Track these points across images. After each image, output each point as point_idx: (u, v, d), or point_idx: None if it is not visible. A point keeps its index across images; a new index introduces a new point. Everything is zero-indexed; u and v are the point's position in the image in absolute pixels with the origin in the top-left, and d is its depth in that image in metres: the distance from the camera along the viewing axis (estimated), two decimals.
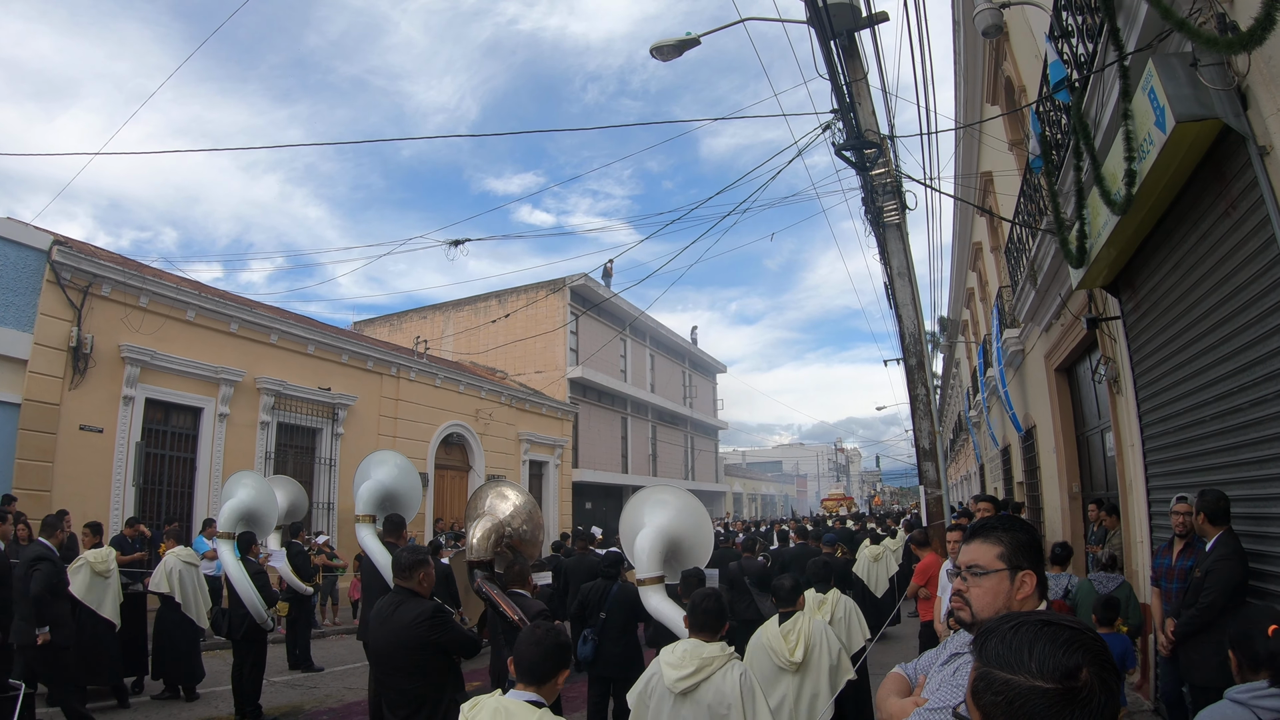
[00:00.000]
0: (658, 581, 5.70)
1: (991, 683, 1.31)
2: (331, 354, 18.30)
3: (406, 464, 8.25)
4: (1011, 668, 1.29)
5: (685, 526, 6.08)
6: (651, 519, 5.98)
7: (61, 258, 12.31)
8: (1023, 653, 1.30)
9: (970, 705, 1.37)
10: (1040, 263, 9.44)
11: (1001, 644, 1.34)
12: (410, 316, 33.24)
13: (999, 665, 1.31)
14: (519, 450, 25.10)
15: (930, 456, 9.37)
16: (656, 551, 5.75)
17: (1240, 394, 4.96)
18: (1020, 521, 2.27)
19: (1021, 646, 1.30)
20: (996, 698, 1.29)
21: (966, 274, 21.29)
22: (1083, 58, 5.85)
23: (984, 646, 1.37)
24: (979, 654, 1.38)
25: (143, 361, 13.45)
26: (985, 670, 1.33)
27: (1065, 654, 1.28)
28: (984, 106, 12.93)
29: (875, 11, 9.06)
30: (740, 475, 62.17)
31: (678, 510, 6.11)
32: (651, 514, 6.04)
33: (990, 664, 1.33)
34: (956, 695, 1.88)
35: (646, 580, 5.67)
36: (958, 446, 34.59)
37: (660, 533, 5.83)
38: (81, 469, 12.42)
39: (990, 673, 1.32)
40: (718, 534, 18.69)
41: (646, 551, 5.72)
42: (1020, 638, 1.32)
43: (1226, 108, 4.22)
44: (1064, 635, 1.31)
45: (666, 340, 39.81)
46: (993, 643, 1.35)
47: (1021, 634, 1.33)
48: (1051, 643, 1.29)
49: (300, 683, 9.79)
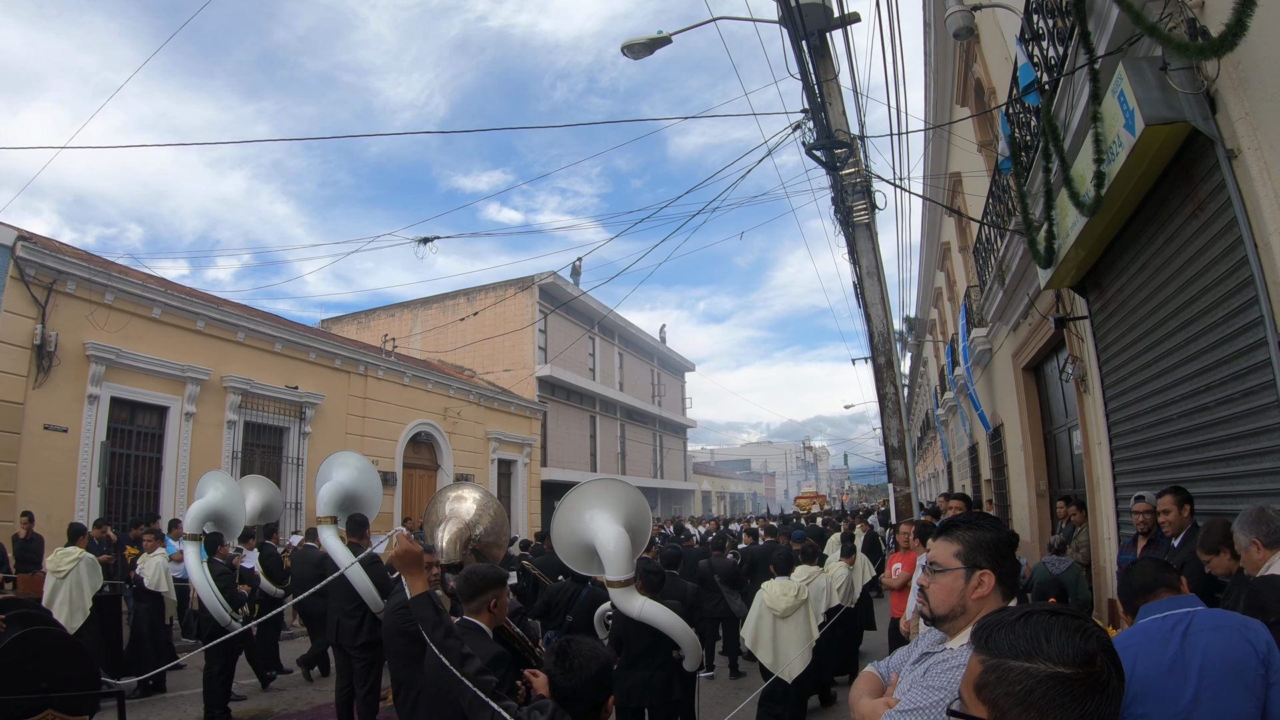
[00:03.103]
0: (631, 584, 5.36)
1: (1005, 673, 1.31)
2: (299, 352, 18.11)
3: (367, 464, 8.22)
4: (1029, 656, 1.30)
5: (634, 518, 5.64)
6: (603, 522, 5.49)
7: (26, 254, 12.06)
8: (1040, 641, 1.31)
9: (974, 701, 1.37)
10: (1008, 263, 9.54)
11: (1012, 634, 1.34)
12: (378, 314, 32.95)
13: (1013, 655, 1.32)
14: (488, 449, 24.99)
15: (899, 455, 9.46)
16: (625, 551, 5.35)
17: (1206, 393, 5.05)
18: (988, 519, 2.27)
19: (1037, 635, 1.32)
20: (1013, 688, 1.30)
21: (935, 273, 21.50)
22: (1053, 60, 5.92)
23: (990, 639, 1.37)
24: (984, 647, 1.38)
25: (108, 360, 13.22)
26: (997, 662, 1.34)
27: (1082, 640, 1.30)
28: (954, 108, 13.05)
29: (847, 12, 9.13)
30: (709, 473, 62.40)
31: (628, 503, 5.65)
32: (604, 512, 5.54)
33: (1003, 655, 1.33)
34: (928, 696, 1.89)
35: (620, 582, 5.28)
36: (925, 444, 34.88)
37: (621, 536, 5.39)
38: (46, 469, 12.19)
39: (1003, 664, 1.32)
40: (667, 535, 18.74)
41: (616, 552, 5.30)
42: (1033, 627, 1.34)
43: (1195, 111, 4.30)
44: (1074, 624, 1.33)
45: (635, 339, 39.82)
46: (1002, 634, 1.36)
47: (1033, 623, 1.34)
48: (1066, 630, 1.31)
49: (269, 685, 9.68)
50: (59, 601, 8.24)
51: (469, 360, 28.99)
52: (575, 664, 2.57)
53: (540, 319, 29.53)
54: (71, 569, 8.40)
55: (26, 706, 4.77)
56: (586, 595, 6.84)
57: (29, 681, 4.88)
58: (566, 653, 2.60)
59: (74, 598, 8.38)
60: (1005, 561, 2.12)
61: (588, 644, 2.66)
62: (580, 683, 2.55)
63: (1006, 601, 2.10)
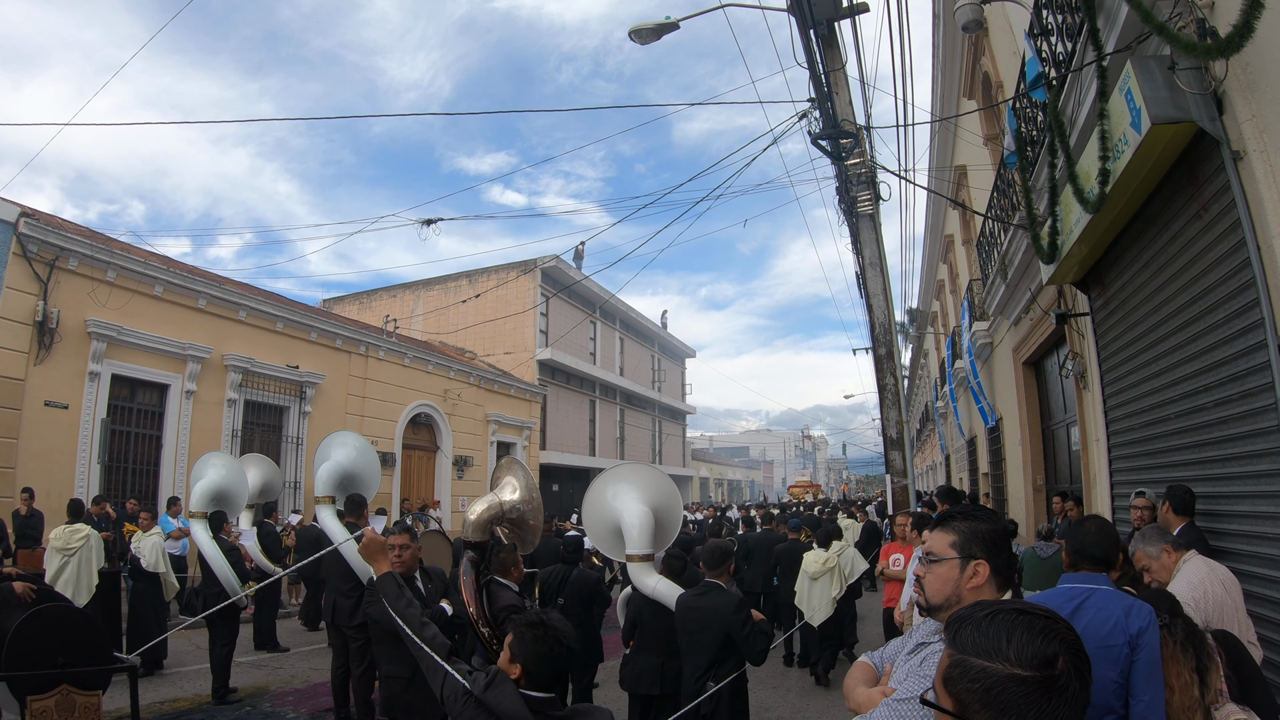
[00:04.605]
0: (648, 559, 5.47)
1: (967, 670, 1.32)
2: (300, 331, 18.10)
3: (365, 444, 8.26)
4: (989, 655, 1.31)
5: (663, 504, 5.90)
6: (629, 497, 5.73)
7: (29, 230, 12.03)
8: (1000, 640, 1.31)
9: (941, 692, 1.37)
10: (1011, 257, 9.53)
11: (977, 632, 1.35)
12: (380, 295, 32.90)
13: (975, 653, 1.33)
14: (487, 431, 25.01)
15: (897, 446, 9.47)
16: (648, 529, 5.52)
17: (1204, 393, 5.06)
18: (984, 511, 2.30)
19: (999, 634, 1.32)
20: (973, 685, 1.30)
21: (938, 266, 21.47)
22: (1061, 56, 5.90)
23: (958, 634, 1.38)
24: (953, 641, 1.39)
25: (109, 337, 13.22)
26: (961, 658, 1.34)
27: (1043, 642, 1.30)
28: (961, 100, 13.02)
29: (856, 2, 9.07)
30: (707, 460, 62.43)
31: (657, 488, 5.86)
32: (631, 491, 5.78)
33: (966, 651, 1.34)
34: (923, 685, 1.90)
35: (639, 556, 5.42)
36: (924, 436, 34.94)
37: (649, 509, 5.61)
38: (46, 446, 12.21)
39: (966, 660, 1.33)
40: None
41: (639, 528, 5.48)
42: (997, 626, 1.34)
43: (1202, 112, 4.29)
44: (1040, 624, 1.33)
45: (636, 324, 39.78)
46: (968, 630, 1.37)
47: (998, 622, 1.34)
48: (1029, 631, 1.31)
49: (265, 663, 9.74)
50: (64, 579, 8.32)
51: (470, 342, 28.98)
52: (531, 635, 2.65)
53: (542, 302, 29.49)
54: (80, 546, 8.51)
55: (43, 681, 4.80)
56: (577, 576, 6.88)
57: (46, 656, 4.91)
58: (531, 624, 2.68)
59: (81, 575, 8.50)
60: (1000, 552, 2.15)
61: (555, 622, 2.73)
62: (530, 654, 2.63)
63: (1002, 592, 2.12)
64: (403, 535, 5.41)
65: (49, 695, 4.75)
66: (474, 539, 5.42)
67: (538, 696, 2.60)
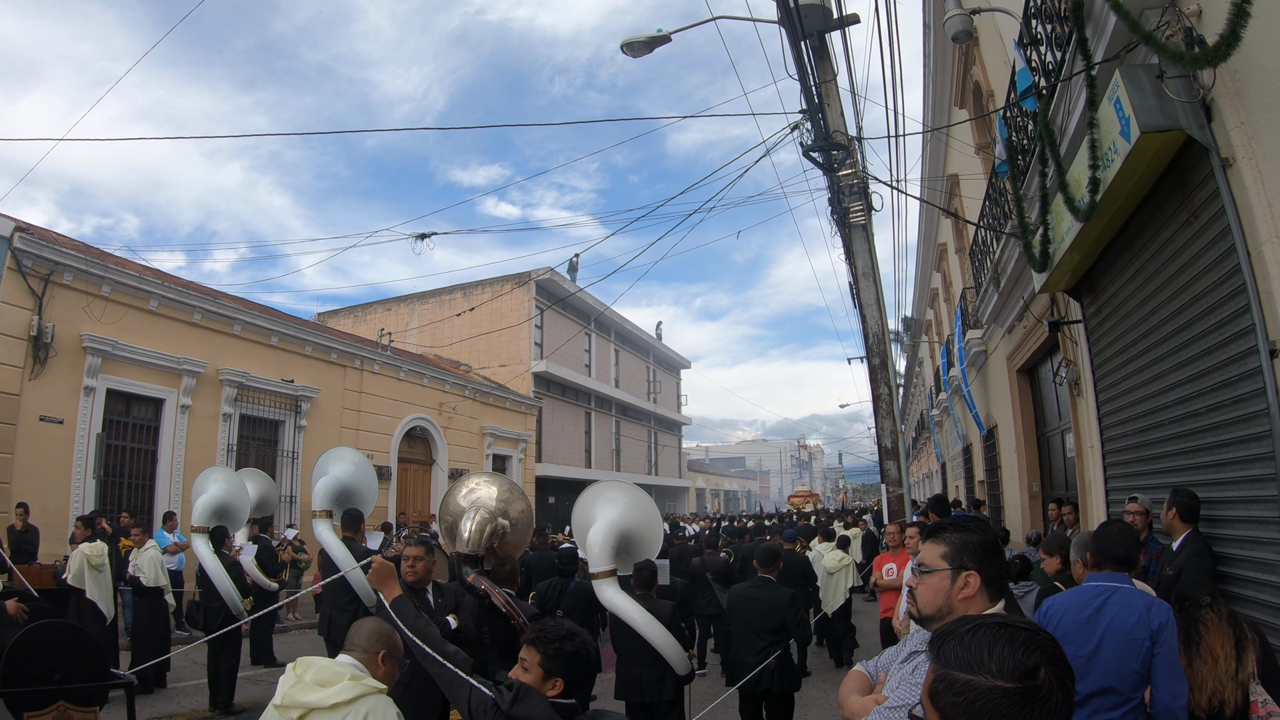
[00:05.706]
0: (610, 575, 5.69)
1: (951, 684, 1.33)
2: (295, 345, 18.10)
3: (362, 460, 8.29)
4: (971, 669, 1.32)
5: (635, 520, 6.10)
6: (602, 514, 6.00)
7: (23, 245, 12.04)
8: (982, 654, 1.33)
9: (928, 706, 1.39)
10: (1004, 266, 9.56)
11: (960, 646, 1.37)
12: (374, 308, 32.93)
13: (958, 667, 1.34)
14: (483, 444, 24.99)
15: (892, 455, 9.47)
16: (609, 546, 5.76)
17: (1198, 399, 5.08)
18: (975, 522, 2.32)
19: (981, 648, 1.34)
20: (957, 699, 1.32)
21: (931, 275, 21.53)
22: (1050, 65, 5.94)
23: (942, 649, 1.40)
24: (936, 656, 1.40)
25: (104, 351, 13.21)
26: (944, 672, 1.36)
27: (1024, 654, 1.31)
28: (952, 110, 13.07)
29: (846, 13, 9.11)
30: (703, 471, 62.40)
31: (627, 505, 6.13)
32: (602, 509, 6.06)
33: (950, 666, 1.35)
34: (915, 694, 1.92)
35: (599, 574, 5.67)
36: (919, 445, 34.96)
37: (611, 527, 5.84)
38: (41, 461, 12.19)
39: (950, 674, 1.35)
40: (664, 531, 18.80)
41: (599, 546, 5.72)
42: (979, 639, 1.35)
43: (1191, 119, 4.32)
44: (1021, 637, 1.34)
45: (631, 335, 39.84)
46: (951, 645, 1.38)
47: (980, 636, 1.36)
48: (1010, 644, 1.33)
49: (263, 678, 9.69)
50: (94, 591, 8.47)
51: (465, 355, 28.98)
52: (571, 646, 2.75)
53: (536, 315, 29.53)
54: (102, 562, 8.61)
55: (40, 698, 4.79)
56: (575, 587, 6.93)
57: (43, 673, 4.90)
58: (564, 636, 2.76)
59: (103, 590, 8.60)
60: (991, 563, 2.17)
61: (576, 629, 2.83)
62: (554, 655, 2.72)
63: (994, 602, 2.14)
64: (418, 547, 5.45)
65: (46, 712, 4.74)
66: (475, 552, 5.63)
67: (566, 704, 2.69)
